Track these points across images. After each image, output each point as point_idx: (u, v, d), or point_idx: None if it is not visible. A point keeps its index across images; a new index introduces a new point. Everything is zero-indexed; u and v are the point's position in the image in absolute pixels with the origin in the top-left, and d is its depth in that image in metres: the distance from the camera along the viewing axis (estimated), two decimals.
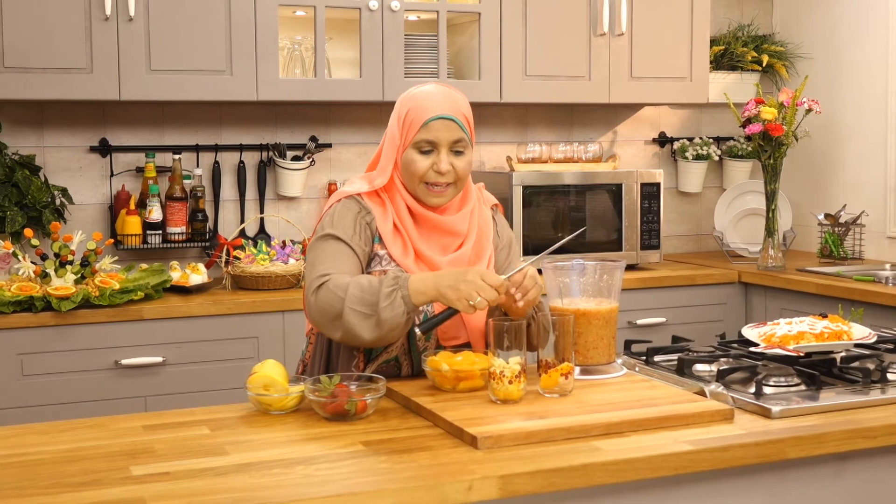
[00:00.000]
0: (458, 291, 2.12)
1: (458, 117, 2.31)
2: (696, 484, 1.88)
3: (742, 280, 4.22)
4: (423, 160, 2.30)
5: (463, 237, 2.37)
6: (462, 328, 2.35)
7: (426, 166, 2.30)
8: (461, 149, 2.32)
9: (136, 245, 3.82)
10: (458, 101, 2.34)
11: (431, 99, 2.32)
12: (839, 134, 4.65)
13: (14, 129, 3.82)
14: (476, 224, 2.40)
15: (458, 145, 2.31)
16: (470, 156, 2.34)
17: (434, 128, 2.29)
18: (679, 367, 2.33)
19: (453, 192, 2.34)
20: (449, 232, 2.36)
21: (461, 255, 2.35)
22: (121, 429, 2.01)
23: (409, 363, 2.37)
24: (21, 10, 3.47)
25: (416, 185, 2.33)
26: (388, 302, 2.14)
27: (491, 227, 2.45)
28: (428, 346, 2.35)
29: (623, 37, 4.29)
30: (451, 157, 2.31)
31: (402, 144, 2.33)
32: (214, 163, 4.06)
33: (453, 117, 2.30)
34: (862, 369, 2.25)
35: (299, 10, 3.95)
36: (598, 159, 4.39)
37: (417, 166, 2.30)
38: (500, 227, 2.50)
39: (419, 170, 2.30)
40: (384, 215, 2.34)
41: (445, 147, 2.30)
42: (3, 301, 3.24)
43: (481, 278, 2.12)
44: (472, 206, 2.41)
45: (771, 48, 4.81)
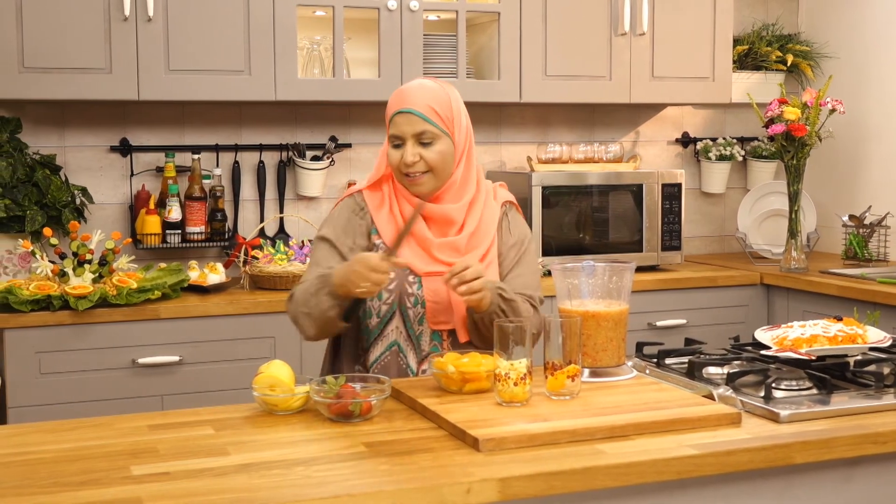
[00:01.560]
0: (351, 281, 2.27)
1: (421, 110, 2.39)
2: (702, 488, 1.86)
3: (764, 282, 4.18)
4: (395, 153, 2.43)
5: (458, 225, 2.44)
6: (450, 314, 2.42)
7: (397, 159, 2.42)
8: (427, 140, 2.40)
9: (156, 244, 3.84)
10: (426, 95, 2.42)
11: (400, 95, 2.45)
12: (865, 134, 4.60)
13: (35, 129, 3.85)
14: (477, 215, 2.47)
15: (423, 137, 2.40)
16: (443, 146, 2.41)
17: (397, 122, 2.42)
18: (689, 369, 2.30)
19: (432, 180, 2.43)
20: (443, 219, 2.44)
21: (455, 240, 2.43)
22: (125, 428, 2.01)
23: (413, 350, 2.42)
24: (40, 11, 3.49)
25: (399, 177, 2.45)
26: (316, 300, 2.34)
27: (495, 222, 2.50)
28: (423, 330, 2.42)
29: (644, 36, 4.26)
30: (419, 148, 2.40)
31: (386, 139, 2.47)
32: (234, 162, 4.07)
33: (413, 110, 2.39)
34: (875, 373, 2.22)
35: (318, 10, 3.95)
36: (619, 159, 4.36)
37: (391, 159, 2.44)
38: (511, 225, 2.54)
39: (392, 162, 2.44)
40: (380, 205, 2.48)
41: (410, 140, 2.40)
42: (22, 300, 3.26)
43: (364, 265, 2.25)
44: (471, 197, 2.47)
45: (796, 48, 4.76)
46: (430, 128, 2.40)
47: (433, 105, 2.41)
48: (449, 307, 2.41)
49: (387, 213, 2.47)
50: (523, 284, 2.48)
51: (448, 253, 2.42)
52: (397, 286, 2.42)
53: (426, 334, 2.42)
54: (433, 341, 2.43)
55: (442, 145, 2.41)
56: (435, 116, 2.40)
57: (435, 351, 2.43)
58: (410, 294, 2.41)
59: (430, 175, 2.42)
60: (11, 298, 3.26)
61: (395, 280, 2.42)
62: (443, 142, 2.41)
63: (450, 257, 2.41)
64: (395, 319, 2.43)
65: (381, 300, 2.42)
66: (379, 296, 2.41)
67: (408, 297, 2.41)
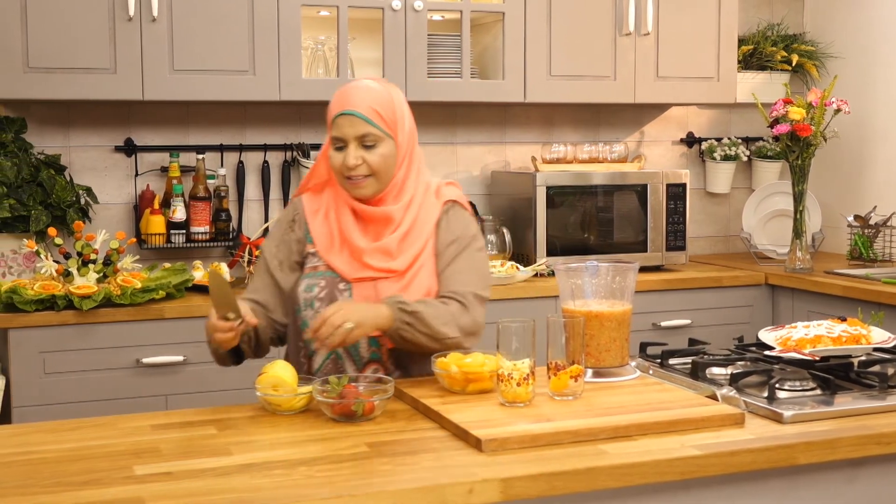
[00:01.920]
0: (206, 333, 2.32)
1: (363, 111, 2.34)
2: (705, 489, 1.86)
3: (769, 282, 4.17)
4: (337, 156, 2.37)
5: (392, 220, 2.40)
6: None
7: (339, 162, 2.37)
8: (370, 143, 2.35)
9: (160, 244, 3.84)
10: (369, 96, 2.36)
11: (342, 96, 2.38)
12: (870, 134, 4.59)
13: (40, 129, 3.85)
14: (411, 216, 2.41)
15: (366, 139, 2.35)
16: (386, 149, 2.37)
17: (340, 124, 2.36)
18: (693, 370, 2.30)
19: (374, 183, 2.38)
20: (381, 220, 2.40)
21: (386, 244, 2.38)
22: (128, 428, 2.02)
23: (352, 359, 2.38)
24: (45, 11, 3.49)
25: (340, 180, 2.40)
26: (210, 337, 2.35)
27: (431, 222, 2.43)
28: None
29: (649, 36, 4.25)
30: (362, 150, 2.35)
31: (328, 141, 2.42)
32: (238, 162, 4.07)
33: (355, 112, 2.34)
34: (879, 374, 2.22)
35: (322, 10, 3.95)
36: (624, 159, 4.35)
37: (332, 162, 2.39)
38: (450, 222, 2.45)
39: (334, 165, 2.38)
40: (317, 211, 2.46)
41: (353, 142, 2.35)
42: (26, 299, 3.27)
43: (208, 328, 2.29)
44: (410, 197, 2.42)
45: (801, 48, 4.75)
46: (372, 130, 2.34)
47: (376, 107, 2.35)
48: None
49: (321, 220, 2.44)
50: (458, 282, 2.38)
51: (379, 258, 2.36)
52: (327, 294, 2.37)
53: (363, 341, 2.34)
54: (371, 347, 2.36)
55: (385, 148, 2.36)
56: (378, 119, 2.34)
57: (375, 358, 2.37)
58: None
59: (373, 178, 2.36)
60: (16, 298, 3.26)
61: (326, 288, 2.37)
62: (386, 144, 2.36)
63: (381, 262, 2.36)
64: None
65: (312, 308, 2.37)
66: (311, 304, 2.37)
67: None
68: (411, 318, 2.26)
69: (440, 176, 4.37)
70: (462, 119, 4.42)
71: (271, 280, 2.44)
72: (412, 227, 2.41)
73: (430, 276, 2.40)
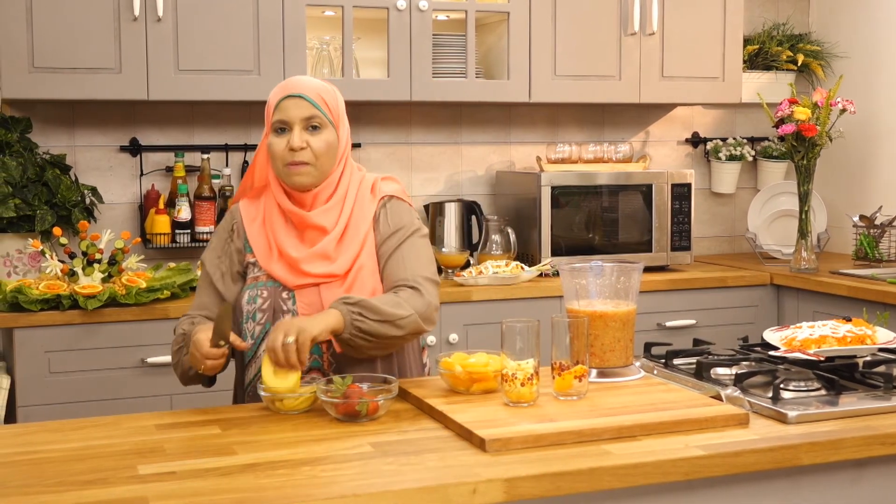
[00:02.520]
0: (193, 360, 2.25)
1: (309, 95, 2.34)
2: (709, 489, 1.86)
3: (774, 282, 4.16)
4: (280, 140, 2.34)
5: (328, 229, 2.36)
6: None
7: (283, 146, 2.33)
8: (316, 124, 2.34)
9: (165, 244, 3.85)
10: (315, 84, 2.38)
11: (286, 84, 2.39)
12: (876, 134, 4.58)
13: (45, 129, 3.86)
14: (345, 218, 2.38)
15: (311, 121, 2.34)
16: (329, 136, 2.36)
17: (285, 107, 2.34)
18: (697, 370, 2.30)
19: (314, 172, 2.35)
20: (311, 226, 2.37)
21: (323, 247, 2.35)
22: (133, 427, 2.02)
23: None
24: (50, 11, 3.50)
25: (279, 169, 2.36)
26: (178, 359, 2.36)
27: (367, 220, 2.40)
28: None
29: (654, 36, 4.25)
30: (306, 134, 2.34)
31: (266, 131, 2.39)
32: (244, 162, 4.08)
33: (303, 95, 2.34)
34: (884, 374, 2.21)
35: (327, 10, 3.95)
36: (629, 159, 4.35)
37: (274, 147, 2.35)
38: (389, 216, 2.43)
39: (276, 150, 2.34)
40: (252, 221, 2.42)
41: (298, 125, 2.33)
42: (31, 299, 3.27)
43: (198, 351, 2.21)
44: (342, 197, 2.39)
45: (806, 47, 4.75)
46: (318, 113, 2.34)
47: (322, 94, 2.36)
48: None
49: (259, 227, 2.41)
50: (405, 269, 2.36)
51: (318, 263, 2.34)
52: (270, 304, 2.34)
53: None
54: (313, 354, 2.32)
55: (328, 135, 2.35)
56: (324, 105, 2.35)
57: (316, 365, 2.33)
58: (286, 311, 2.33)
59: (313, 167, 2.33)
60: (21, 298, 3.27)
61: (269, 299, 2.34)
62: (329, 132, 2.35)
63: (320, 268, 2.34)
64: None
65: (254, 321, 2.35)
66: (253, 316, 2.35)
67: (282, 313, 2.33)
68: (358, 308, 2.20)
69: (445, 175, 4.37)
70: (467, 119, 4.42)
71: (216, 294, 2.40)
72: (347, 228, 2.38)
73: (373, 275, 2.37)
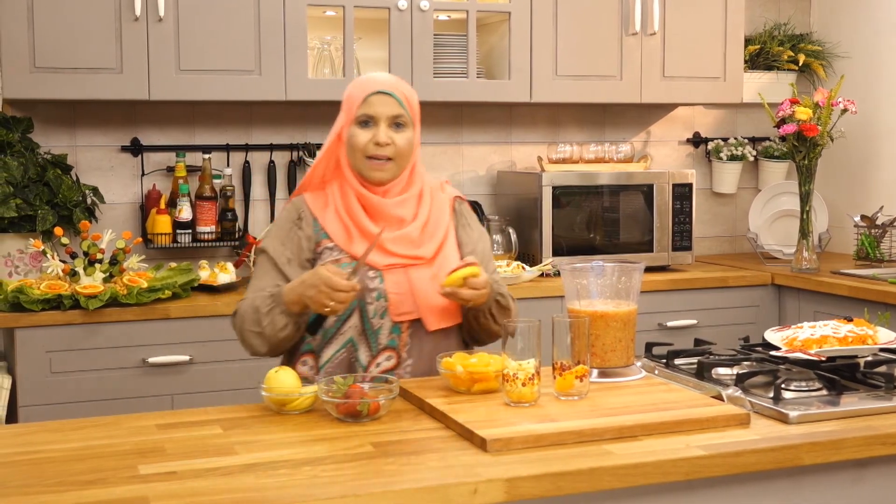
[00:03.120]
0: (312, 299, 2.27)
1: (397, 94, 2.43)
2: (709, 489, 1.86)
3: (775, 282, 4.16)
4: (364, 133, 2.41)
5: (406, 219, 2.45)
6: (414, 304, 2.41)
7: (366, 139, 2.41)
8: (400, 122, 2.42)
9: (166, 244, 3.85)
10: (401, 83, 2.48)
11: (374, 79, 2.47)
12: (877, 134, 4.58)
13: (46, 129, 3.86)
14: (426, 207, 2.48)
15: (397, 120, 2.42)
16: (410, 135, 2.44)
17: (373, 102, 2.41)
18: (698, 370, 2.30)
19: (394, 168, 2.44)
20: (391, 215, 2.44)
21: (408, 232, 2.43)
22: (134, 427, 2.02)
23: (367, 345, 2.40)
24: (51, 11, 3.50)
25: (358, 161, 2.43)
26: (269, 320, 2.35)
27: (446, 213, 2.51)
28: (383, 324, 2.40)
29: (655, 36, 4.25)
30: (391, 131, 2.41)
31: (347, 122, 2.45)
32: (245, 162, 4.08)
33: (391, 93, 2.42)
34: (885, 374, 2.21)
35: (328, 10, 3.95)
36: (630, 159, 4.35)
37: (358, 139, 2.41)
38: (468, 219, 2.57)
39: (360, 143, 2.41)
40: (324, 209, 2.47)
41: (384, 121, 2.41)
42: (32, 299, 3.27)
43: (326, 284, 2.23)
44: (419, 190, 2.49)
45: (808, 47, 4.75)
46: (404, 113, 2.42)
47: (407, 95, 2.46)
48: (412, 298, 2.40)
49: (332, 215, 2.46)
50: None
51: (403, 245, 2.42)
52: (359, 282, 2.37)
53: (385, 328, 2.39)
54: (392, 334, 2.40)
55: (410, 133, 2.44)
56: (408, 105, 2.44)
57: (392, 344, 2.40)
58: (372, 289, 2.39)
59: (393, 163, 2.42)
60: (22, 298, 3.27)
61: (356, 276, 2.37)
62: (410, 131, 2.44)
63: (405, 249, 2.42)
64: (354, 317, 2.40)
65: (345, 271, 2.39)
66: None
67: (369, 291, 2.39)
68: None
69: (445, 176, 4.37)
70: (468, 119, 4.42)
71: (281, 277, 2.43)
72: (429, 219, 2.47)
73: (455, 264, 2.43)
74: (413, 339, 2.42)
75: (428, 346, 2.42)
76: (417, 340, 2.42)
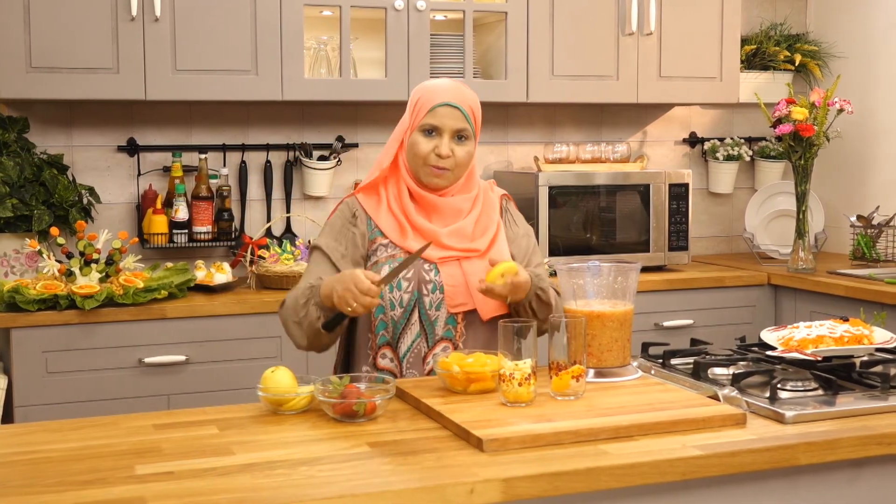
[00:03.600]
0: (340, 298, 2.27)
1: (464, 108, 2.45)
2: (706, 489, 1.86)
3: (771, 282, 4.17)
4: (427, 142, 2.45)
5: (462, 210, 2.50)
6: (468, 295, 2.45)
7: (429, 148, 2.45)
8: (464, 136, 2.46)
9: (163, 244, 3.85)
10: (467, 95, 2.49)
11: (442, 88, 2.49)
12: (873, 134, 4.59)
13: (43, 129, 3.86)
14: (479, 204, 2.53)
15: (461, 133, 2.45)
16: (471, 147, 2.48)
17: (440, 114, 2.45)
18: (695, 370, 2.30)
19: (451, 177, 2.48)
20: (449, 211, 2.49)
21: (462, 226, 2.48)
22: (131, 427, 2.02)
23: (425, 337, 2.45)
24: (48, 11, 3.50)
25: (418, 166, 2.47)
26: (305, 311, 2.37)
27: (496, 209, 2.57)
28: (439, 315, 2.44)
29: (652, 36, 4.25)
30: (453, 143, 2.45)
31: (410, 127, 2.49)
32: (241, 162, 4.08)
33: (459, 106, 2.45)
34: (881, 374, 2.22)
35: (325, 10, 3.95)
36: (626, 159, 4.35)
37: (420, 147, 2.45)
38: (515, 217, 2.62)
39: (422, 151, 2.45)
40: (377, 207, 2.50)
41: (448, 133, 2.45)
42: (28, 299, 3.27)
43: (356, 286, 2.24)
44: (476, 192, 2.54)
45: (804, 47, 4.75)
46: (468, 126, 2.46)
47: (472, 107, 2.49)
48: (466, 289, 2.44)
49: (386, 211, 2.50)
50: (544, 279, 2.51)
51: (457, 239, 2.47)
52: (414, 275, 2.45)
53: (441, 319, 2.44)
54: (447, 325, 2.45)
55: (470, 146, 2.48)
56: (472, 118, 2.48)
57: (448, 335, 2.45)
58: (428, 281, 2.44)
59: (451, 172, 2.46)
60: (18, 298, 3.27)
61: (412, 269, 2.45)
62: (471, 143, 2.49)
63: (459, 243, 2.46)
64: (414, 310, 2.45)
65: (400, 290, 2.44)
66: (398, 285, 2.44)
67: (426, 284, 2.44)
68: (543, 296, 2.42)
69: None
70: None
71: (334, 271, 2.44)
72: (482, 214, 2.52)
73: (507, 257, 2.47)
74: (469, 330, 2.46)
75: (483, 336, 2.47)
76: (473, 331, 2.46)
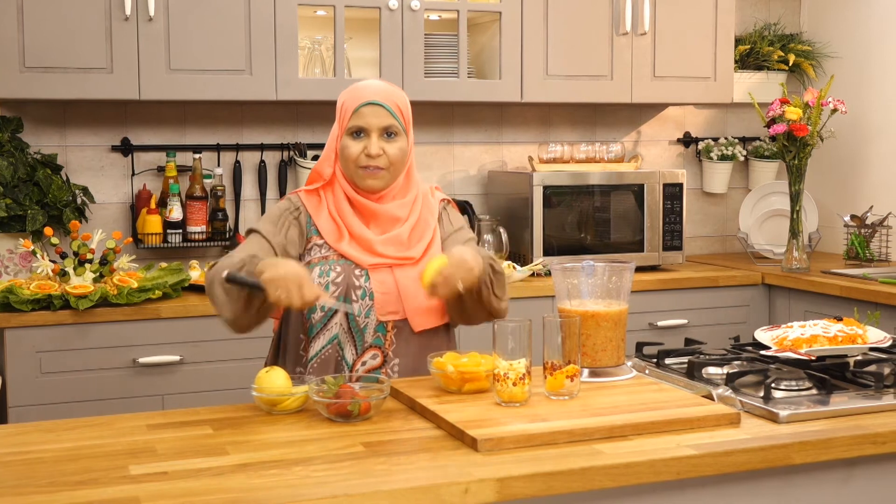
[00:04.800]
0: (279, 286, 2.15)
1: (389, 104, 2.43)
2: (700, 489, 1.86)
3: (765, 282, 4.17)
4: (356, 145, 2.42)
5: (400, 218, 2.47)
6: (399, 303, 2.41)
7: (358, 150, 2.42)
8: (392, 132, 2.43)
9: (157, 244, 3.84)
10: (392, 92, 2.47)
11: (364, 88, 2.46)
12: (867, 134, 4.59)
13: (36, 129, 3.85)
14: (417, 210, 2.50)
15: (389, 130, 2.43)
16: (403, 143, 2.45)
17: (364, 114, 2.42)
18: (689, 370, 2.30)
19: (388, 176, 2.45)
20: (386, 218, 2.46)
21: (398, 234, 2.45)
22: (125, 428, 2.01)
23: (353, 343, 2.41)
24: (42, 10, 3.49)
25: (352, 171, 2.44)
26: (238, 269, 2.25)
27: (434, 215, 2.53)
28: (368, 322, 2.40)
29: (646, 36, 4.26)
30: (382, 141, 2.42)
31: (340, 133, 2.46)
32: (235, 162, 4.07)
33: (383, 104, 2.42)
34: (875, 374, 2.22)
35: (319, 10, 3.95)
36: (621, 159, 4.36)
37: (350, 151, 2.42)
38: (451, 217, 2.58)
39: (352, 154, 2.42)
40: (318, 208, 2.48)
41: (376, 132, 2.42)
42: (22, 299, 3.26)
43: (300, 285, 2.16)
44: (414, 195, 2.51)
45: (798, 47, 4.76)
46: (395, 122, 2.43)
47: (398, 102, 2.45)
48: (398, 297, 2.41)
49: (326, 215, 2.47)
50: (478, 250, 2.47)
51: (392, 247, 2.44)
52: (343, 279, 2.40)
53: (371, 326, 2.40)
54: (377, 333, 2.41)
55: (402, 142, 2.45)
56: (399, 113, 2.45)
57: (378, 343, 2.42)
58: (358, 287, 2.40)
59: (386, 172, 2.43)
60: (12, 298, 3.26)
61: (342, 274, 2.40)
62: (402, 139, 2.45)
63: (395, 251, 2.44)
64: (339, 313, 2.40)
65: (328, 292, 2.39)
66: (326, 288, 2.38)
67: (355, 290, 2.40)
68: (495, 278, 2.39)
69: (436, 175, 4.37)
70: (459, 119, 4.42)
71: (269, 249, 2.40)
72: (419, 221, 2.49)
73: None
74: (399, 339, 2.43)
75: (414, 346, 2.44)
76: (403, 340, 2.43)
